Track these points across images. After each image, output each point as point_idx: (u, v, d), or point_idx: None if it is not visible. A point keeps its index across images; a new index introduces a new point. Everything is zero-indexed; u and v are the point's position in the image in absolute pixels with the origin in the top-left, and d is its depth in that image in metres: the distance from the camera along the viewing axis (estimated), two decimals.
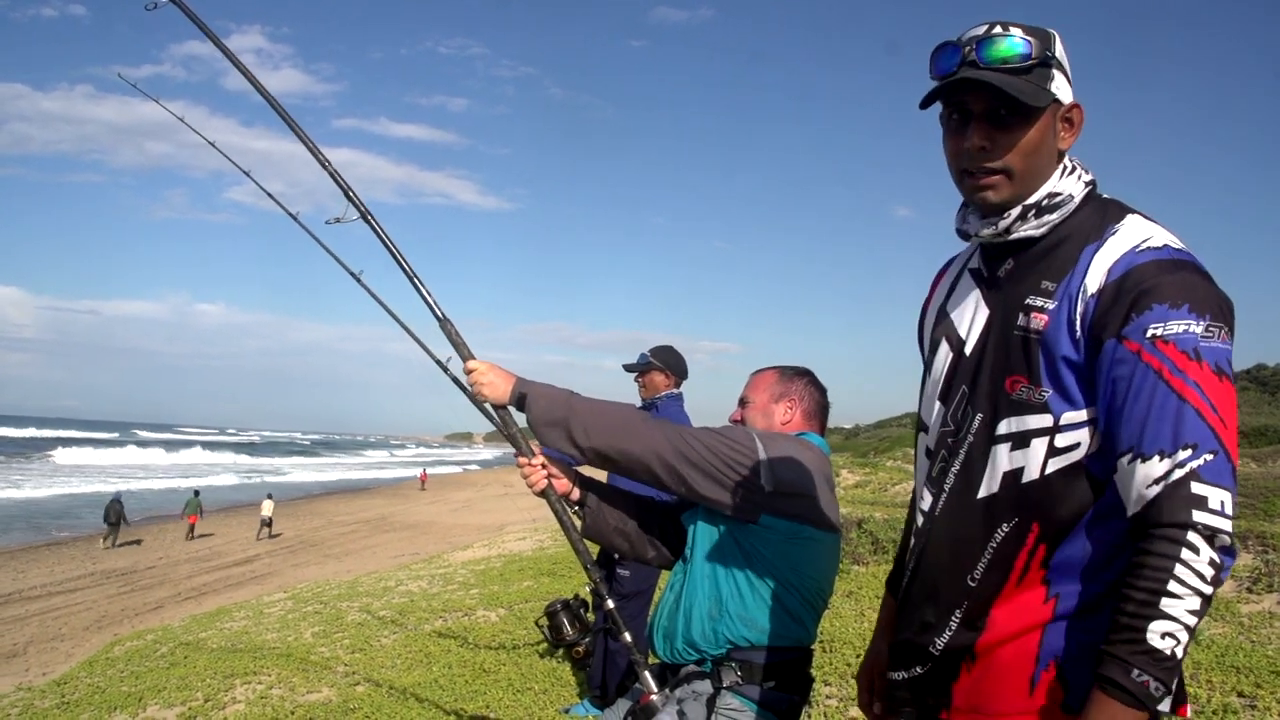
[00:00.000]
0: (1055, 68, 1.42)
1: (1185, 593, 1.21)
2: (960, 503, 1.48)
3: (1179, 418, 1.26)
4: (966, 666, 1.45)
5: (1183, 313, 1.28)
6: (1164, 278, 1.31)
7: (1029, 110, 1.39)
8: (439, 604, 8.60)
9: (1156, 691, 1.21)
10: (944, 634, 1.47)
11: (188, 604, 12.57)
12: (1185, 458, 1.25)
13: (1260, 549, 6.39)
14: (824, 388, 2.43)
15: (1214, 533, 1.22)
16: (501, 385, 2.16)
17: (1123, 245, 1.36)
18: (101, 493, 28.43)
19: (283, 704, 5.53)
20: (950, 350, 1.55)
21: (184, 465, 54.40)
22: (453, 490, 39.41)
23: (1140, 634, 1.22)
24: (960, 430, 1.49)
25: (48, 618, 11.92)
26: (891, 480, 17.60)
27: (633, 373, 4.88)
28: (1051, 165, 1.45)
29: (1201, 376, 1.27)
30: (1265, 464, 18.30)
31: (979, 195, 1.45)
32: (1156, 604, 1.21)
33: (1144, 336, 1.29)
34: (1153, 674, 1.21)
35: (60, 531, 22.71)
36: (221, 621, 9.19)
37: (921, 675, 1.52)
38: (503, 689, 5.35)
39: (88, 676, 7.18)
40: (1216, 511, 1.23)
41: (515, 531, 17.27)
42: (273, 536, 21.39)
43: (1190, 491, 1.24)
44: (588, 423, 2.07)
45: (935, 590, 1.51)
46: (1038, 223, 1.44)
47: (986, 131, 1.41)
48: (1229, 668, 4.32)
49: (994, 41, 1.40)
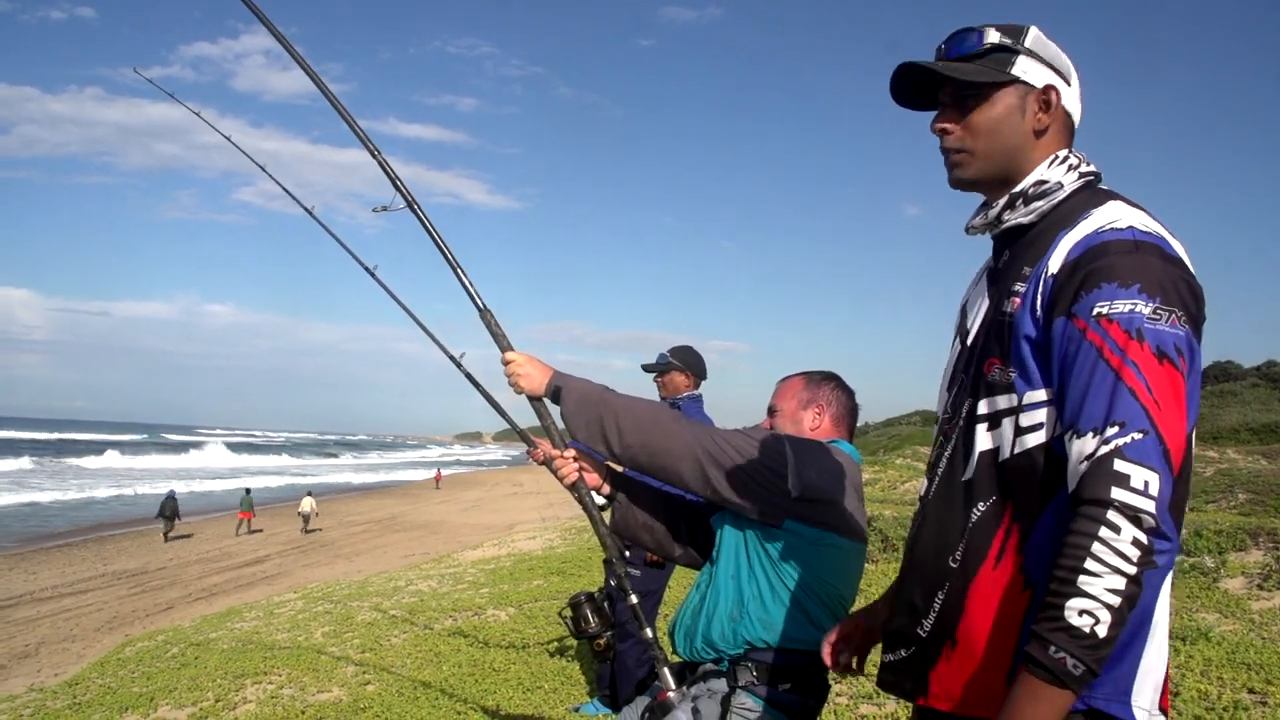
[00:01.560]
0: (1022, 54, 1.49)
1: (1104, 570, 1.19)
2: (947, 485, 1.51)
3: (1113, 395, 1.25)
4: (947, 654, 1.45)
5: (1132, 292, 1.28)
6: (1119, 258, 1.31)
7: (980, 89, 1.49)
8: (449, 603, 8.62)
9: (1075, 669, 1.19)
10: (929, 616, 1.48)
11: (198, 604, 12.61)
12: (1112, 434, 1.24)
13: (1271, 545, 6.37)
14: (852, 391, 2.41)
15: (1136, 513, 1.19)
16: (538, 377, 2.17)
17: (1089, 227, 1.37)
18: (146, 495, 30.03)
19: (293, 704, 5.55)
20: (959, 342, 1.59)
21: (233, 467, 55.33)
22: (463, 490, 39.44)
23: (1059, 611, 1.20)
24: (955, 416, 1.53)
25: (59, 619, 11.97)
26: (901, 478, 17.57)
27: (652, 373, 4.87)
28: (1028, 147, 1.50)
29: (1140, 357, 1.26)
30: (1276, 461, 18.22)
31: (950, 175, 1.55)
32: (1074, 581, 1.20)
33: (1090, 314, 1.29)
34: (1069, 651, 1.19)
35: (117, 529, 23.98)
36: (232, 622, 9.23)
37: (905, 658, 1.53)
38: (513, 688, 5.37)
39: (99, 677, 7.21)
40: (1139, 491, 1.20)
41: (525, 531, 17.29)
42: (309, 532, 22.40)
43: (1112, 468, 1.22)
44: (621, 420, 2.07)
45: (922, 572, 1.52)
46: (1026, 210, 1.48)
47: (949, 117, 1.53)
48: (1240, 664, 4.31)
49: (955, 38, 1.53)
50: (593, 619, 2.31)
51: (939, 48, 1.55)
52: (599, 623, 2.31)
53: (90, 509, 28.58)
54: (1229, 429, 28.78)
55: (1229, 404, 33.34)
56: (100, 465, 50.74)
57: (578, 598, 2.33)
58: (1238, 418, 30.38)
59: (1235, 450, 21.30)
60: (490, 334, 2.27)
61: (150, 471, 46.78)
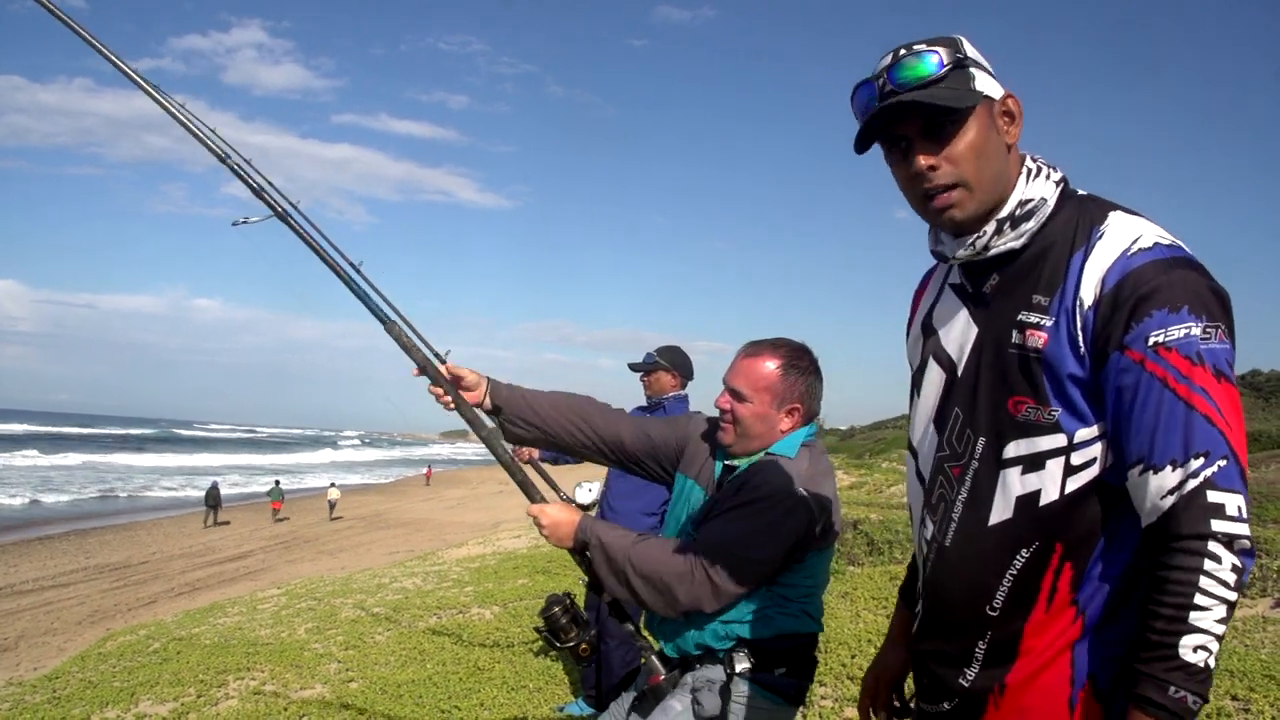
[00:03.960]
0: (972, 67, 1.39)
1: (1212, 603, 1.19)
2: (971, 532, 1.44)
3: (1188, 426, 1.23)
4: (995, 701, 1.41)
5: (1182, 315, 1.25)
6: (1160, 279, 1.27)
7: (960, 113, 1.36)
8: (433, 601, 8.58)
9: (1195, 705, 1.20)
10: (971, 667, 1.44)
11: (181, 599, 12.53)
12: (1198, 466, 1.22)
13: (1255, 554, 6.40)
14: (822, 374, 2.28)
15: (1233, 538, 1.21)
16: (565, 528, 2.16)
17: (1113, 249, 1.31)
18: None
19: (276, 700, 5.52)
20: (942, 371, 1.51)
21: (273, 465, 55.56)
22: (448, 487, 39.36)
23: (1173, 650, 1.20)
24: (962, 455, 1.45)
25: (40, 612, 11.88)
26: (887, 481, 17.62)
27: (638, 372, 4.86)
28: (1007, 166, 1.41)
29: (1207, 381, 1.24)
30: (1259, 469, 18.34)
31: (944, 217, 1.42)
32: (1185, 618, 1.20)
33: (1146, 345, 1.26)
34: (1188, 689, 1.20)
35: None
36: (215, 617, 9.16)
37: (949, 712, 1.49)
38: (497, 687, 5.34)
39: (79, 671, 7.14)
40: (1234, 518, 1.21)
41: (510, 529, 17.24)
42: (334, 519, 25.45)
43: (1207, 501, 1.21)
44: (642, 576, 2.08)
45: (954, 623, 1.47)
46: (1015, 234, 1.40)
47: (929, 149, 1.38)
48: (1222, 672, 4.32)
49: (903, 64, 1.38)
50: (570, 628, 2.27)
51: (876, 80, 1.41)
52: (577, 629, 2.27)
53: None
54: None
55: None
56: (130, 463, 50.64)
57: (550, 609, 2.27)
58: None
59: None
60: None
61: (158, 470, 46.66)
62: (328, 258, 2.19)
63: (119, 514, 25.90)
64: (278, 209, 2.18)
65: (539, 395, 2.35)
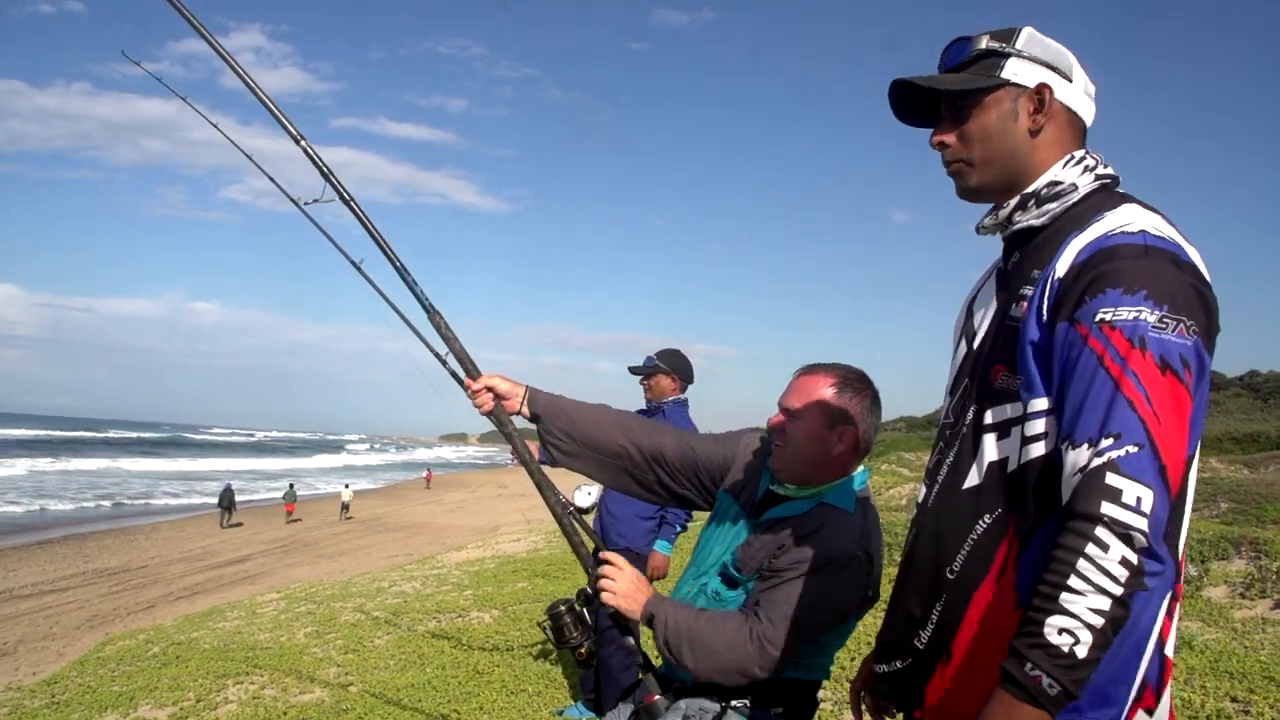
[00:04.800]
0: (1013, 56, 1.45)
1: (1087, 589, 1.14)
2: (948, 494, 1.47)
3: (1110, 405, 1.20)
4: (942, 667, 1.43)
5: (1137, 299, 1.22)
6: (1127, 262, 1.25)
7: (971, 96, 1.46)
8: (433, 605, 8.58)
9: (1050, 689, 1.14)
10: (926, 628, 1.45)
11: (180, 603, 12.51)
12: (1106, 445, 1.18)
13: (1253, 554, 6.40)
14: (880, 400, 2.15)
15: (1127, 530, 1.14)
16: (637, 600, 2.09)
17: (1100, 230, 1.32)
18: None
19: (275, 704, 5.51)
20: (966, 345, 1.55)
21: (279, 470, 55.64)
22: (448, 491, 39.33)
23: (1039, 627, 1.16)
24: (958, 422, 1.49)
25: (39, 616, 11.86)
26: (886, 484, 17.58)
27: (638, 375, 4.86)
28: (1027, 148, 1.46)
29: (1142, 366, 1.20)
30: (1258, 470, 18.35)
31: (956, 186, 1.54)
32: (1056, 598, 1.15)
33: (1093, 320, 1.24)
34: (1045, 669, 1.14)
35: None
36: (214, 621, 9.15)
37: (900, 670, 1.51)
38: (497, 690, 5.34)
39: (78, 676, 7.13)
40: (1130, 507, 1.15)
41: (510, 533, 17.24)
42: (347, 519, 26.16)
43: (1104, 482, 1.16)
44: (700, 648, 2.00)
45: (919, 583, 1.49)
46: (1038, 212, 1.44)
47: (945, 129, 1.51)
48: (1222, 673, 4.33)
49: (948, 50, 1.53)
50: (574, 628, 2.27)
51: (940, 62, 1.54)
52: (580, 632, 2.27)
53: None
54: (1212, 439, 29.02)
55: (1211, 414, 33.55)
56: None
57: (557, 607, 2.28)
58: (1220, 427, 30.67)
59: (1218, 460, 21.42)
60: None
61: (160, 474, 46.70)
62: (383, 243, 2.22)
63: (118, 519, 25.87)
64: (343, 194, 2.22)
65: (578, 404, 2.30)
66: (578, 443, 2.27)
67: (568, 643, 2.28)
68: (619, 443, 2.27)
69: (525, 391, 2.26)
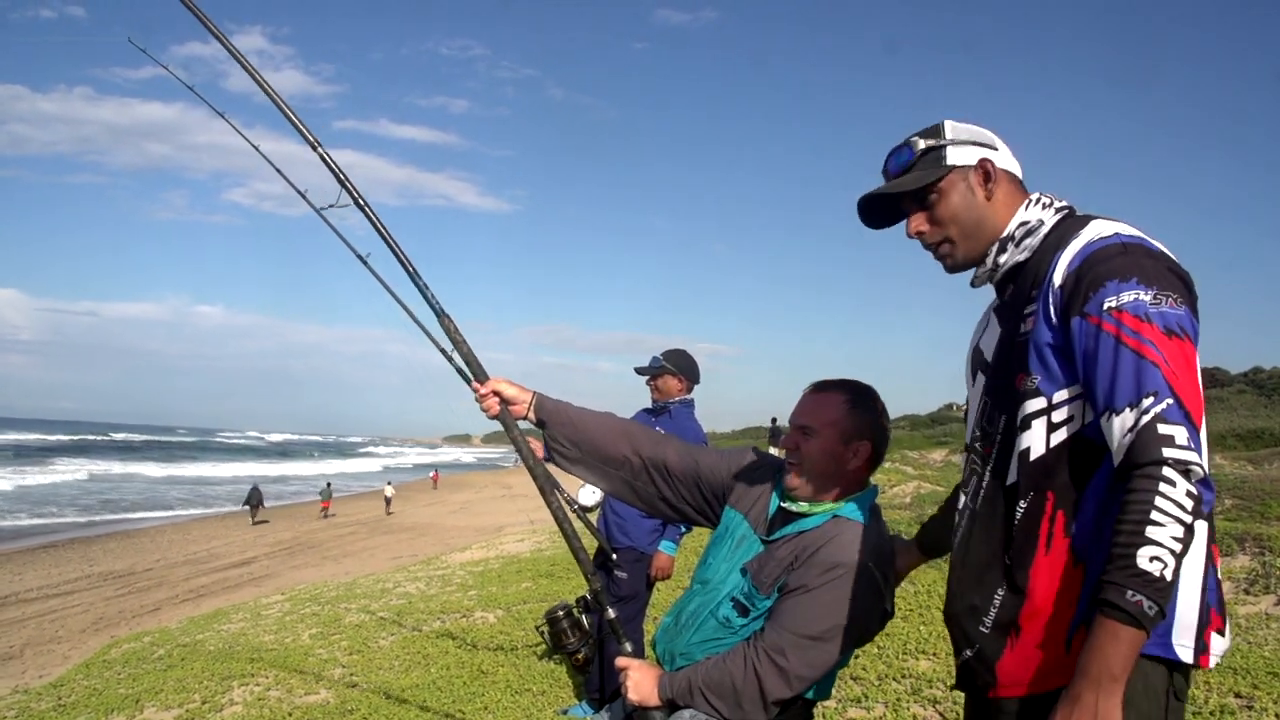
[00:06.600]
0: (948, 146, 1.72)
1: (1167, 520, 1.34)
2: (993, 493, 1.65)
3: (1139, 372, 1.42)
4: (1011, 642, 1.57)
5: (1131, 284, 1.47)
6: (1114, 259, 1.50)
7: (930, 188, 1.72)
8: (437, 605, 8.59)
9: (1150, 610, 1.33)
10: (989, 615, 1.61)
11: (185, 606, 12.53)
12: (1149, 404, 1.40)
13: (1257, 550, 6.40)
14: (889, 416, 2.20)
15: (1186, 466, 1.36)
16: (648, 686, 2.08)
17: (1081, 242, 1.56)
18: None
19: (280, 706, 5.53)
20: (983, 375, 1.75)
21: (238, 474, 55.36)
22: (452, 492, 39.35)
23: (1131, 559, 1.34)
24: (991, 432, 1.68)
25: (45, 620, 11.89)
26: (890, 482, 17.57)
27: (644, 375, 4.85)
28: (991, 211, 1.71)
29: (1154, 335, 1.43)
30: (1261, 466, 18.32)
31: (945, 266, 1.77)
32: (1143, 532, 1.34)
33: (1101, 309, 1.47)
34: (1145, 594, 1.33)
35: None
36: (219, 623, 9.17)
37: (973, 656, 1.64)
38: (501, 690, 5.36)
39: (84, 679, 7.15)
40: (1185, 446, 1.37)
41: (514, 533, 17.26)
42: (389, 514, 27.72)
43: (1158, 432, 1.38)
44: (724, 693, 2.00)
45: (981, 576, 1.64)
46: (1019, 249, 1.69)
47: (920, 218, 1.76)
48: (1226, 669, 4.33)
49: (891, 156, 1.79)
50: (571, 634, 2.27)
51: (884, 170, 1.80)
52: (578, 637, 2.27)
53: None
54: (1216, 435, 28.82)
55: (1216, 410, 33.49)
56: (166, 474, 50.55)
57: (554, 612, 2.27)
58: (1224, 424, 30.52)
59: (1222, 456, 21.41)
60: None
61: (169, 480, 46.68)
62: (396, 247, 2.23)
63: (122, 522, 25.89)
64: (358, 199, 2.24)
65: (584, 411, 2.31)
66: (582, 450, 2.28)
67: (564, 648, 2.28)
68: (622, 451, 2.28)
69: (532, 397, 2.28)
